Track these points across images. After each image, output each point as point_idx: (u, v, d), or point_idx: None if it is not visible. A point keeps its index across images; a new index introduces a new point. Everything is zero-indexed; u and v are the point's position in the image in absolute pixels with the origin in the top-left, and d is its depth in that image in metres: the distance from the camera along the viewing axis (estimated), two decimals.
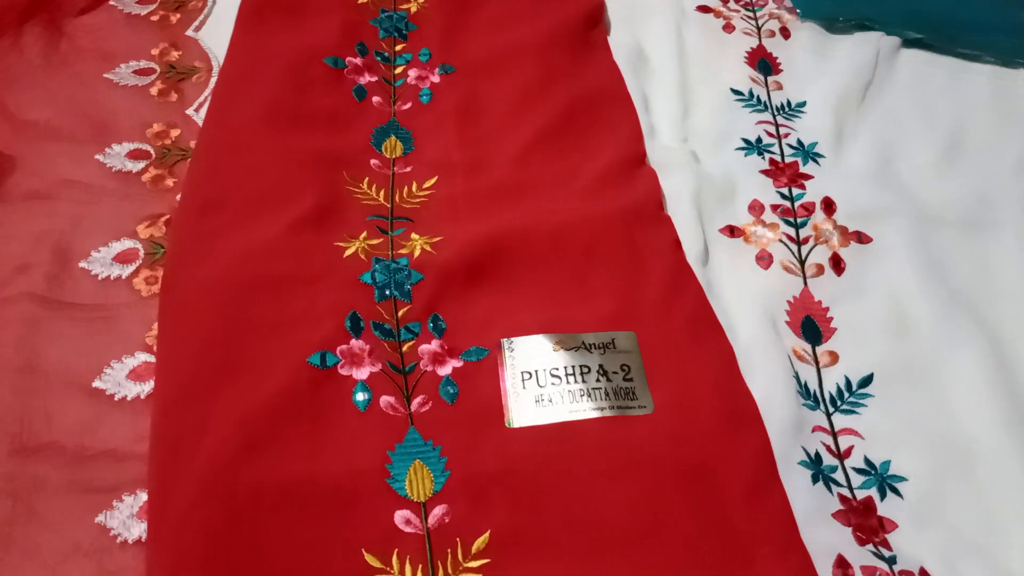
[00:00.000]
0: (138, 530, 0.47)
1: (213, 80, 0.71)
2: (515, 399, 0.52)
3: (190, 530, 0.44)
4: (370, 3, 0.76)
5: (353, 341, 0.53)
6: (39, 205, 0.62)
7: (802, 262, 0.62)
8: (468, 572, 0.45)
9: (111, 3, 0.77)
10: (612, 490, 0.48)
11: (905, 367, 0.57)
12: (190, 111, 0.69)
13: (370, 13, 0.76)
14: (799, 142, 0.69)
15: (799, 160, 0.68)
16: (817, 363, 0.57)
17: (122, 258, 0.60)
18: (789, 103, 0.72)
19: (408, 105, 0.70)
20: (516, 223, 0.59)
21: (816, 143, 0.69)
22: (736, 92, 0.73)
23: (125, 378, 0.53)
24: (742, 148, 0.68)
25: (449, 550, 0.46)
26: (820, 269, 0.61)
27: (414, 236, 0.60)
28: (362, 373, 0.52)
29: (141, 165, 0.65)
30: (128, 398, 0.53)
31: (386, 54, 0.73)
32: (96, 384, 0.53)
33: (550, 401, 0.51)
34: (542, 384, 0.52)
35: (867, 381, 0.56)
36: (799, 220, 0.64)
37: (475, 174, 0.64)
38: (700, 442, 0.50)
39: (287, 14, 0.72)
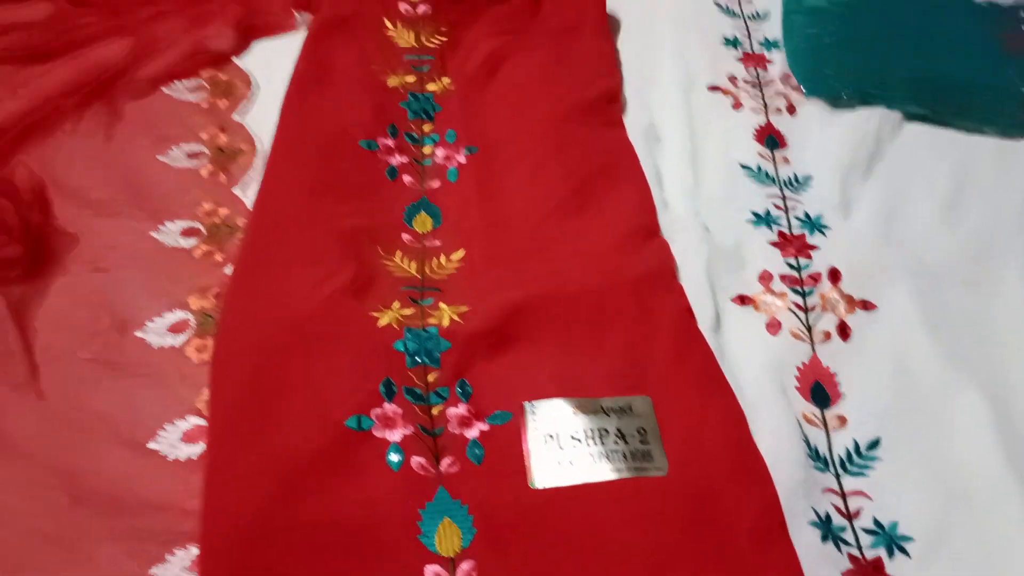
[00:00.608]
0: None
1: (258, 161, 0.77)
2: (537, 461, 0.55)
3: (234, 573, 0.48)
4: (399, 87, 0.82)
5: (387, 405, 0.57)
6: (100, 278, 0.67)
7: (810, 329, 0.65)
8: None
9: (165, 90, 0.84)
10: (627, 546, 0.51)
11: (911, 426, 0.60)
12: (236, 190, 0.75)
13: (399, 96, 0.82)
14: (806, 215, 0.73)
15: (806, 232, 0.71)
16: (826, 427, 0.60)
17: (175, 328, 0.64)
18: (796, 177, 0.76)
19: (437, 184, 0.75)
20: (535, 292, 0.64)
21: (822, 215, 0.73)
22: (745, 167, 0.77)
23: (178, 440, 0.58)
24: (751, 220, 0.72)
25: None
26: (827, 335, 0.65)
27: (442, 306, 0.64)
28: (395, 435, 0.56)
29: (192, 242, 0.70)
30: (181, 459, 0.57)
31: (415, 135, 0.79)
32: (151, 445, 0.57)
33: (570, 463, 0.55)
34: (563, 447, 0.56)
35: (875, 444, 0.59)
36: (806, 289, 0.67)
37: (497, 246, 0.69)
38: (711, 498, 0.54)
39: (326, 101, 0.78)
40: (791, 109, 0.83)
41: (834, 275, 0.68)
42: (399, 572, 0.50)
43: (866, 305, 0.66)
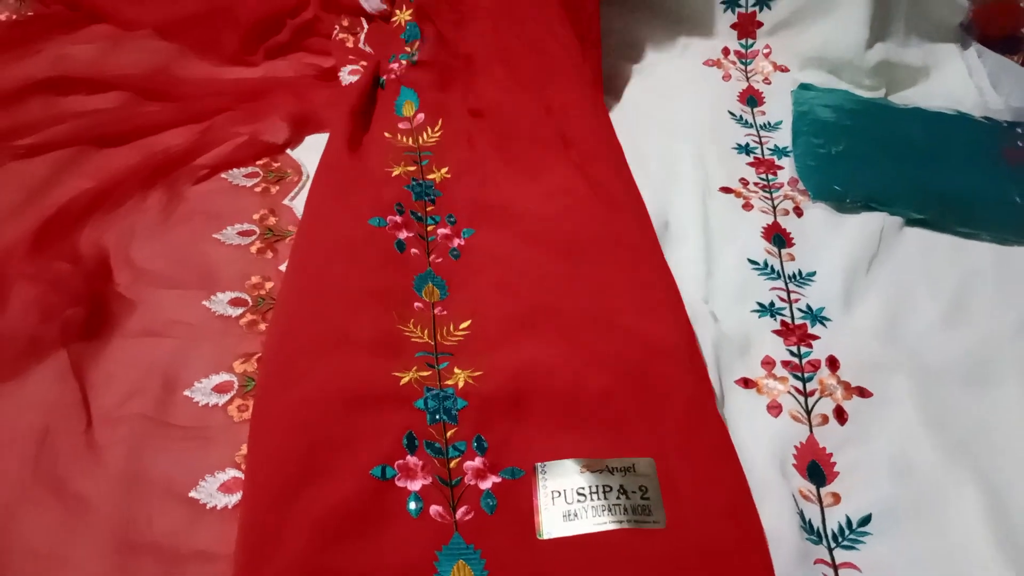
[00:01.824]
0: None
1: None
2: (546, 514, 0.60)
3: None
4: (403, 174, 0.90)
5: (408, 457, 0.62)
6: (153, 341, 0.73)
7: (808, 412, 0.69)
8: None
9: (223, 176, 0.92)
10: None
11: (904, 509, 0.62)
12: (282, 267, 0.81)
13: (403, 181, 0.89)
14: (808, 307, 0.78)
15: (808, 322, 0.76)
16: (821, 503, 0.63)
17: (220, 389, 0.70)
18: (800, 272, 0.81)
19: (440, 259, 0.81)
20: (543, 360, 0.69)
21: (823, 308, 0.77)
22: (752, 262, 0.82)
23: (216, 490, 0.63)
24: (757, 310, 0.77)
25: None
26: (825, 419, 0.69)
27: (456, 370, 0.69)
28: (415, 485, 0.61)
29: (239, 311, 0.77)
30: (218, 507, 0.61)
31: (419, 214, 0.86)
32: (192, 494, 0.62)
33: (576, 516, 0.59)
34: (569, 501, 0.60)
35: (866, 520, 0.62)
36: (806, 375, 0.72)
37: (505, 314, 0.74)
38: (710, 559, 0.57)
39: (341, 191, 0.85)
40: (798, 211, 0.89)
41: (832, 363, 0.73)
42: None
43: (863, 392, 0.70)
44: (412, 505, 0.60)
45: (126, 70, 1.08)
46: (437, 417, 0.65)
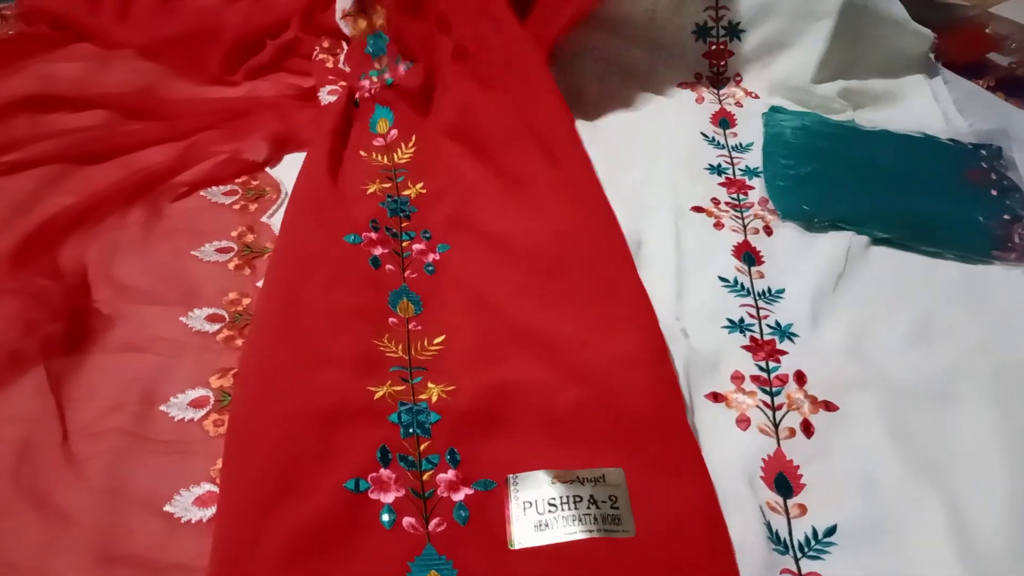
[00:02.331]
0: None
1: None
2: (517, 524, 0.61)
3: None
4: (378, 191, 0.91)
5: (382, 470, 0.63)
6: (132, 357, 0.74)
7: (776, 426, 0.71)
8: None
9: (202, 194, 0.93)
10: None
11: (868, 521, 0.64)
12: (260, 284, 0.82)
13: (379, 198, 0.91)
14: (777, 323, 0.79)
15: (776, 338, 0.78)
16: (788, 514, 0.65)
17: (196, 403, 0.71)
18: (770, 290, 0.83)
19: (415, 275, 0.83)
20: (516, 375, 0.70)
21: (792, 324, 0.79)
22: (723, 280, 0.84)
23: (191, 504, 0.63)
24: (727, 327, 0.79)
25: None
26: (792, 432, 0.70)
27: (430, 384, 0.71)
28: (388, 498, 0.62)
29: (217, 327, 0.78)
30: (193, 521, 0.62)
31: (394, 230, 0.87)
32: (167, 508, 0.63)
33: (547, 525, 0.60)
34: (540, 512, 0.61)
35: (832, 531, 0.63)
36: (774, 389, 0.73)
37: (478, 334, 0.75)
38: (678, 569, 0.59)
39: (317, 210, 0.86)
40: (768, 230, 0.91)
41: (800, 378, 0.74)
42: None
43: (829, 406, 0.72)
44: (385, 517, 0.61)
45: (110, 89, 1.09)
46: (411, 431, 0.66)
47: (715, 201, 0.95)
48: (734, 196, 0.96)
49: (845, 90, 1.08)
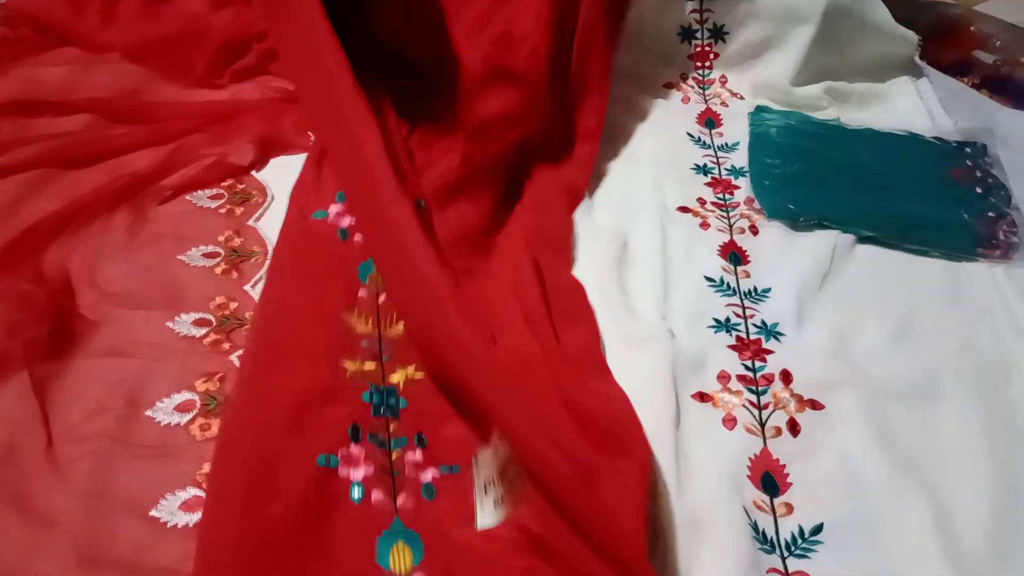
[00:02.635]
0: None
1: (267, 262, 0.85)
2: (480, 505, 0.63)
3: None
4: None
5: (352, 446, 0.64)
6: (116, 361, 0.74)
7: (762, 425, 0.71)
8: None
9: (187, 198, 0.92)
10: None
11: (854, 519, 0.64)
12: (247, 287, 0.82)
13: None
14: (763, 322, 0.80)
15: (762, 337, 0.78)
16: (774, 513, 0.65)
17: (182, 408, 0.70)
18: (755, 289, 0.83)
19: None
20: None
21: (777, 323, 0.79)
22: (709, 279, 0.84)
23: (177, 508, 0.63)
24: (713, 326, 0.79)
25: None
26: (778, 431, 0.70)
27: (399, 368, 0.72)
28: (358, 474, 0.64)
29: (204, 331, 0.77)
30: (179, 526, 0.62)
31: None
32: (152, 513, 0.63)
33: (502, 503, 0.62)
34: (497, 487, 0.63)
35: (818, 529, 0.64)
36: (760, 388, 0.74)
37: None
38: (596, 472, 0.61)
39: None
40: (754, 230, 0.91)
41: (786, 376, 0.74)
42: None
43: (814, 405, 0.72)
44: (355, 493, 0.62)
45: (94, 93, 1.08)
46: (381, 411, 0.68)
47: (701, 201, 0.95)
48: (720, 196, 0.96)
49: (830, 89, 1.09)
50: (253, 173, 0.97)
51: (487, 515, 0.62)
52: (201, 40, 1.14)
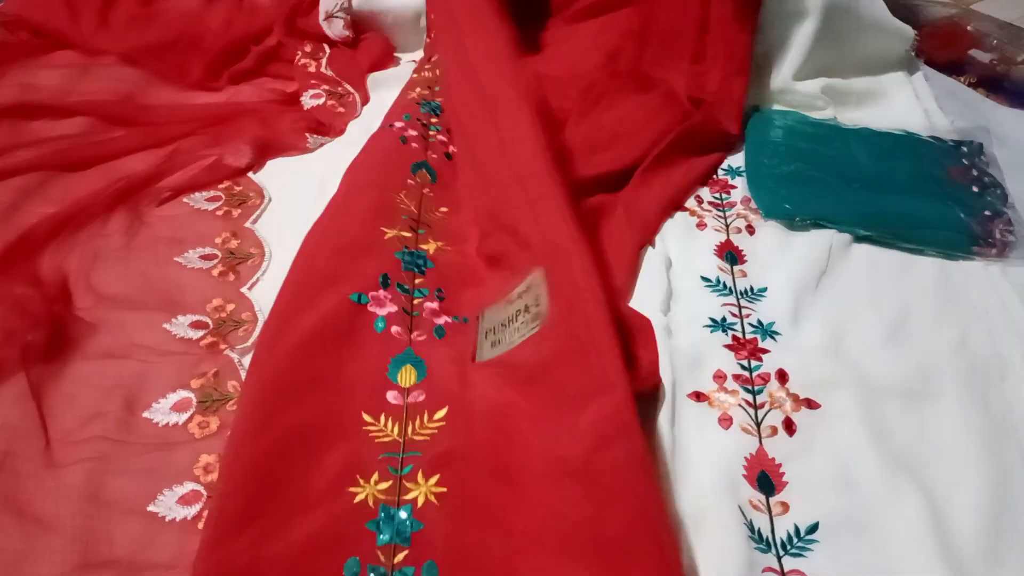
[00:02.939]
0: None
1: (265, 264, 0.85)
2: (481, 346, 0.74)
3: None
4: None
5: (381, 291, 0.77)
6: (113, 363, 0.74)
7: (758, 424, 0.71)
8: (429, 429, 0.67)
9: (184, 200, 0.93)
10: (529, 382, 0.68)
11: (849, 517, 0.64)
12: (244, 289, 0.82)
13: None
14: (759, 321, 0.80)
15: (758, 337, 0.78)
16: (770, 512, 0.65)
17: (178, 407, 0.71)
18: (752, 288, 0.83)
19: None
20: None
21: (774, 323, 0.79)
22: (705, 279, 0.84)
23: (175, 503, 0.64)
24: (709, 326, 0.79)
25: (418, 416, 0.68)
26: (774, 430, 0.70)
27: (431, 240, 0.85)
28: (383, 311, 0.75)
29: (200, 333, 0.77)
30: (177, 520, 0.63)
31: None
32: (150, 508, 0.63)
33: (499, 343, 0.73)
34: (496, 333, 0.74)
35: (814, 528, 0.64)
36: (756, 388, 0.74)
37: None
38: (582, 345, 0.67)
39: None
40: (750, 229, 0.91)
41: (782, 376, 0.74)
42: (368, 395, 0.68)
43: (810, 404, 0.72)
44: (378, 325, 0.73)
45: (92, 97, 1.09)
46: (410, 267, 0.80)
47: (698, 200, 0.95)
48: (717, 195, 0.96)
49: (827, 88, 1.09)
50: (250, 175, 0.97)
51: (485, 352, 0.73)
52: (198, 43, 1.15)
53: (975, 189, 0.96)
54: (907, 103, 1.11)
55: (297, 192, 0.94)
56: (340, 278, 0.75)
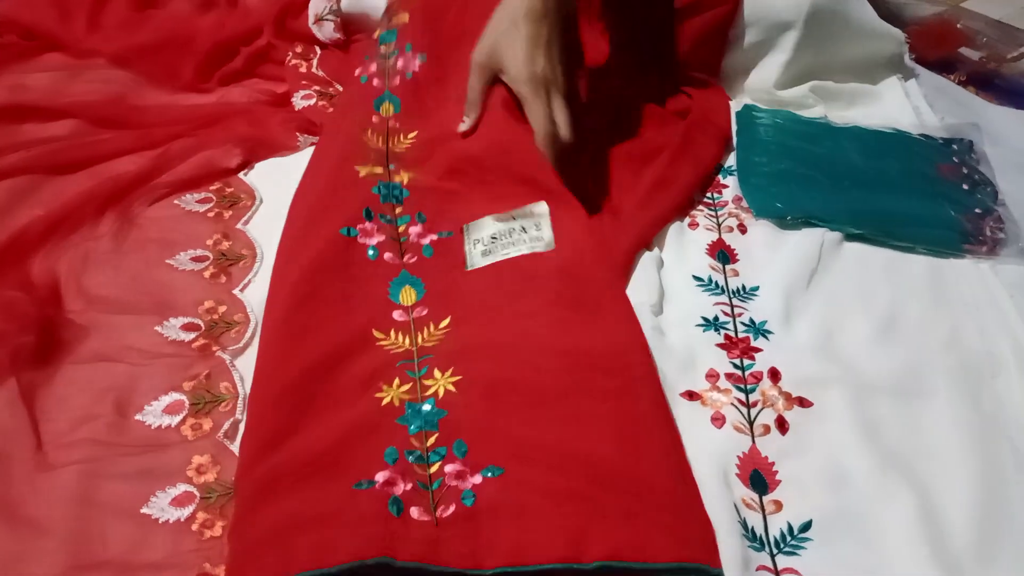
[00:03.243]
0: None
1: (257, 265, 0.85)
2: (469, 254, 0.82)
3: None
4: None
5: (367, 223, 0.84)
6: (104, 366, 0.74)
7: (751, 423, 0.71)
8: (437, 335, 0.74)
9: (175, 202, 0.92)
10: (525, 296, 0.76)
11: (842, 515, 0.64)
12: (236, 291, 0.82)
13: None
14: (751, 320, 0.80)
15: (750, 336, 0.78)
16: (763, 511, 0.65)
17: (170, 410, 0.71)
18: (744, 287, 0.84)
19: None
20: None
21: (766, 321, 0.80)
22: (697, 278, 0.84)
23: (168, 504, 0.64)
24: (701, 325, 0.79)
25: (424, 327, 0.75)
26: (767, 429, 0.71)
27: (403, 172, 0.90)
28: (372, 241, 0.83)
29: (192, 336, 0.77)
30: (170, 521, 0.63)
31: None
32: (143, 510, 0.63)
33: (490, 252, 0.81)
34: (486, 244, 0.81)
35: (807, 526, 0.64)
36: (749, 387, 0.74)
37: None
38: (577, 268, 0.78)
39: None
40: (742, 228, 0.91)
41: (774, 374, 0.75)
42: (377, 314, 0.76)
43: (803, 402, 0.72)
44: (370, 252, 0.81)
45: (81, 98, 1.08)
46: (388, 200, 0.87)
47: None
48: (708, 195, 0.96)
49: (816, 87, 1.09)
50: (241, 176, 0.97)
51: (476, 260, 0.81)
52: (188, 45, 1.14)
53: (965, 187, 0.96)
54: (897, 101, 1.11)
55: (289, 193, 0.93)
56: (327, 217, 0.82)
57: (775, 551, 0.62)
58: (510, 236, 0.81)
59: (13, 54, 1.17)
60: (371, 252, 0.81)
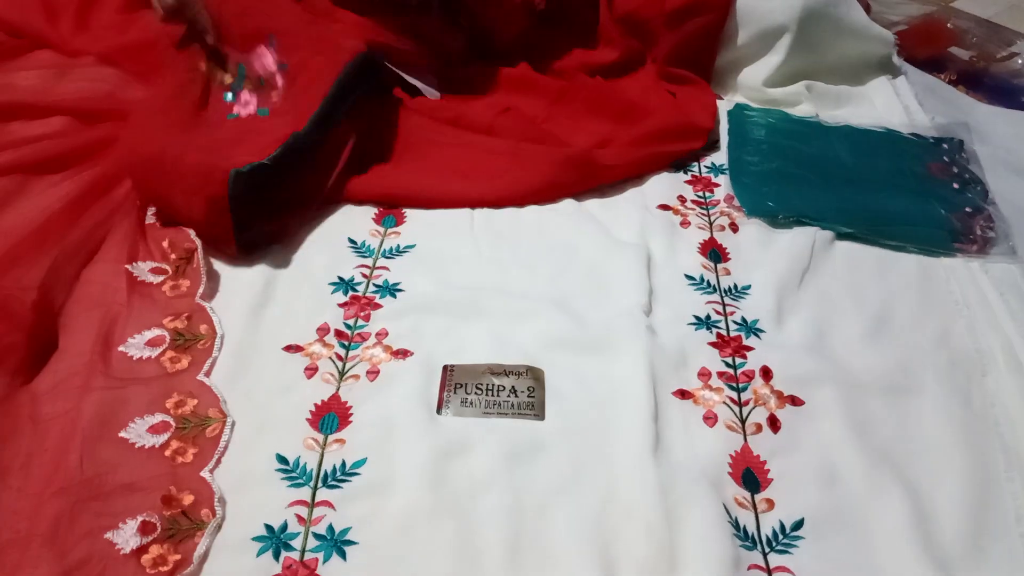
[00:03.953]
0: (135, 543, 0.60)
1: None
2: (446, 398, 0.73)
3: None
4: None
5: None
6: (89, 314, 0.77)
7: (743, 421, 0.71)
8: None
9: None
10: None
11: (834, 514, 0.65)
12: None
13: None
14: (743, 319, 0.80)
15: (742, 334, 0.78)
16: (755, 509, 0.65)
17: (152, 343, 0.75)
18: (736, 286, 0.84)
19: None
20: None
21: (758, 320, 0.80)
22: (689, 277, 0.84)
23: (145, 431, 0.68)
24: (693, 324, 0.79)
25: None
26: (759, 427, 0.71)
27: None
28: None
29: (160, 278, 0.81)
30: (146, 447, 0.67)
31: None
32: (122, 434, 0.67)
33: (471, 404, 0.72)
34: (468, 392, 0.73)
35: (799, 525, 0.64)
36: (741, 385, 0.74)
37: None
38: None
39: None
40: (734, 227, 0.91)
41: (766, 373, 0.75)
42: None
43: (794, 400, 0.72)
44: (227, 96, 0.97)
45: (70, 96, 1.07)
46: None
47: (681, 199, 0.95)
48: (700, 194, 0.96)
49: (808, 87, 1.09)
50: None
51: (451, 407, 0.72)
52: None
53: (956, 186, 0.97)
54: (888, 100, 1.12)
55: None
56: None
57: (767, 549, 0.62)
58: (495, 394, 0.73)
59: (1, 52, 1.15)
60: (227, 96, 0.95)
